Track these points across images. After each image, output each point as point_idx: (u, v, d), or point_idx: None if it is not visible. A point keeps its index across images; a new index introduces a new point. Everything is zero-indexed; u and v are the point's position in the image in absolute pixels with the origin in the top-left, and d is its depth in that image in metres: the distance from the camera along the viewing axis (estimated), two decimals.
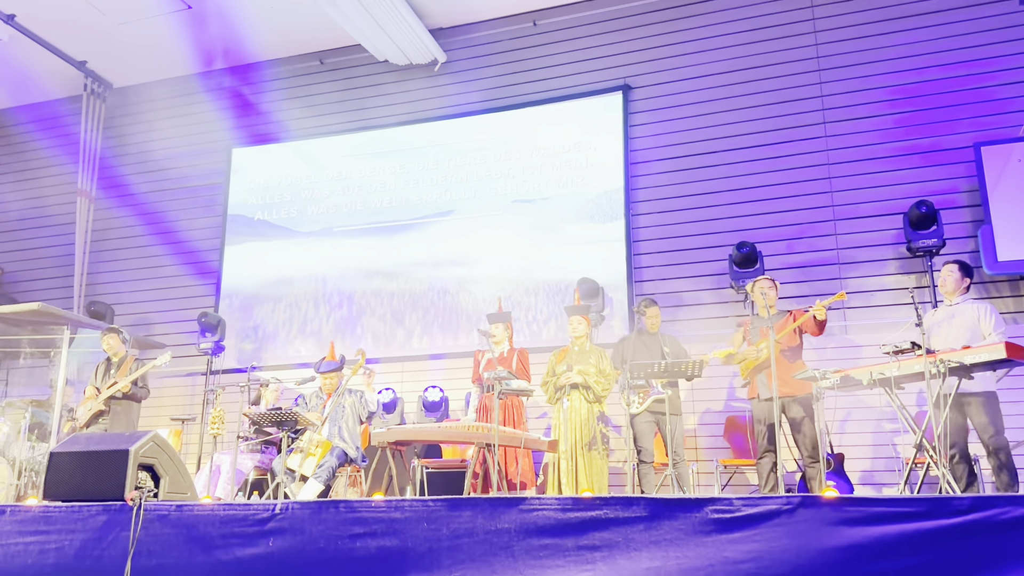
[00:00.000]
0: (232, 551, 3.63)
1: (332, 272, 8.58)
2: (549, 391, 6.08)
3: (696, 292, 7.31)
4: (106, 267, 9.42)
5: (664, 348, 5.97)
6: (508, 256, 8.03)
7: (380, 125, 8.85)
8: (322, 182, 8.92)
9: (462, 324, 7.98)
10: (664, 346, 6.00)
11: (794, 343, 5.65)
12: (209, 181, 9.34)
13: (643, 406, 5.82)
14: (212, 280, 8.98)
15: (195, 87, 9.62)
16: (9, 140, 10.37)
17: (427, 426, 6.23)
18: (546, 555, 3.29)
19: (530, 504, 3.41)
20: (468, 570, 3.35)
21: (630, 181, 7.80)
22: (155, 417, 8.08)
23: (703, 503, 3.31)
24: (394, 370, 8.01)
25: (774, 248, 7.14)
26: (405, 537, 3.46)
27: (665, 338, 6.13)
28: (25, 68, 9.48)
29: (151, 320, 9.03)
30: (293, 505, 3.66)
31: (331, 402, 6.16)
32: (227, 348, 8.36)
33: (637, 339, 6.16)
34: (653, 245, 7.62)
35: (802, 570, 3.10)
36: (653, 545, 3.25)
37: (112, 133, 9.88)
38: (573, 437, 5.79)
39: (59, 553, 3.81)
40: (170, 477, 4.10)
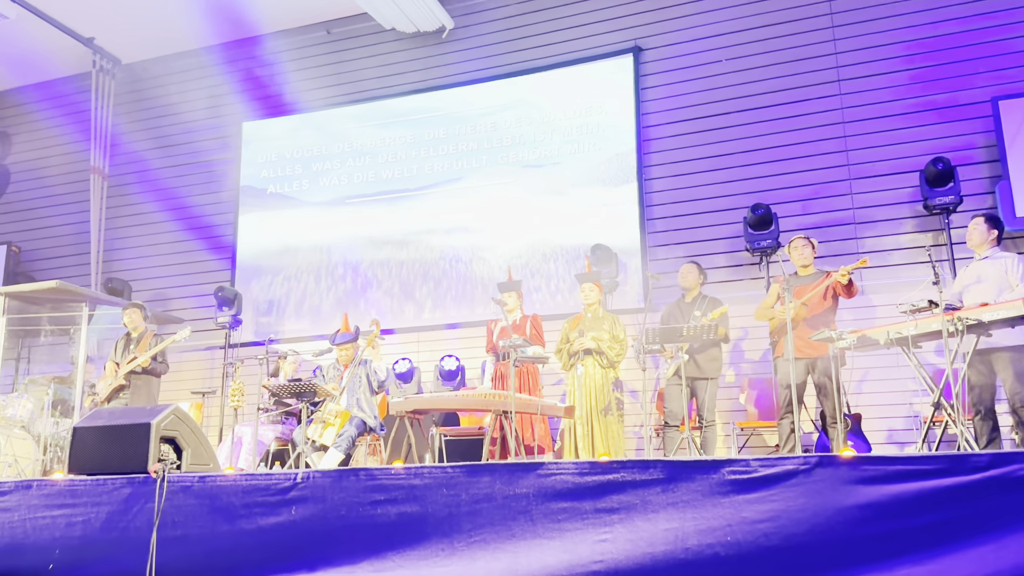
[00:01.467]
0: (255, 520, 3.69)
1: (346, 243, 8.60)
2: (563, 358, 6.10)
3: (711, 256, 7.27)
4: (122, 243, 9.48)
5: (695, 312, 5.94)
6: (520, 223, 8.01)
7: (389, 95, 8.80)
8: (332, 153, 8.91)
9: (477, 293, 7.99)
10: (696, 311, 5.96)
11: (826, 306, 5.60)
12: (221, 155, 9.35)
13: (670, 371, 5.83)
14: (227, 254, 9.02)
15: (203, 61, 9.58)
16: (21, 119, 10.40)
17: (444, 395, 6.27)
18: (564, 518, 3.32)
19: (547, 469, 3.43)
20: (488, 534, 3.39)
21: (642, 145, 7.73)
22: (176, 391, 8.17)
23: (720, 464, 3.32)
24: (410, 340, 8.04)
25: (789, 209, 7.08)
26: (425, 503, 3.50)
27: (704, 302, 6.05)
28: (33, 46, 9.47)
29: (168, 295, 9.10)
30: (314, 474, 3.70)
31: (348, 373, 6.21)
32: (244, 321, 8.42)
33: (675, 306, 6.16)
34: (666, 209, 7.57)
35: (820, 529, 3.12)
36: (671, 507, 3.27)
37: (123, 110, 9.88)
38: (588, 403, 5.82)
39: (86, 525, 3.88)
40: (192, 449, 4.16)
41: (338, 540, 3.59)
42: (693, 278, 6.16)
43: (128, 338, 7.03)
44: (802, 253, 5.70)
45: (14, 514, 4.00)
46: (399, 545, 3.50)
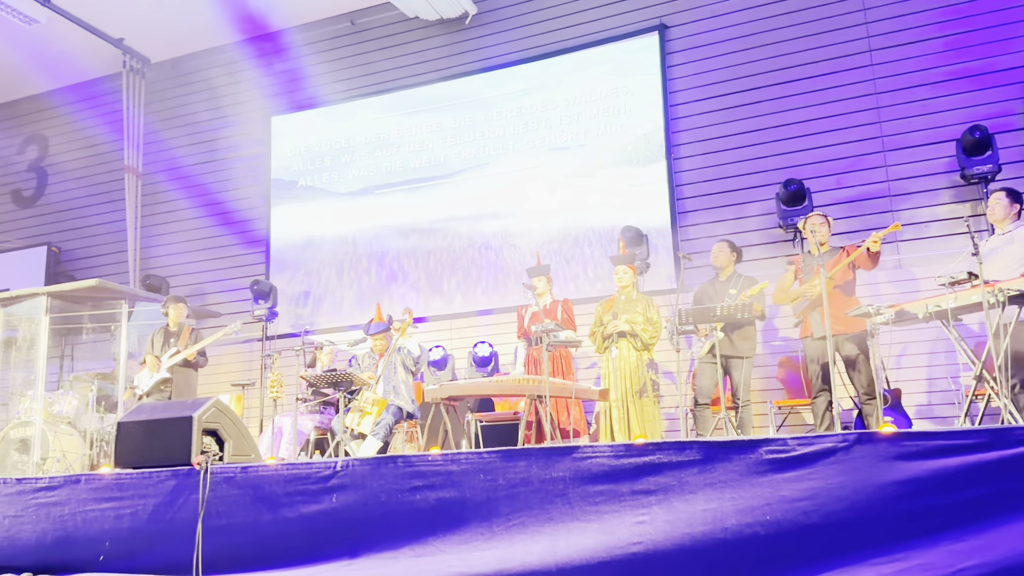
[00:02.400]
0: (297, 508, 3.75)
1: (377, 233, 8.65)
2: (597, 341, 6.09)
3: (743, 234, 7.20)
4: (158, 240, 9.63)
5: (730, 291, 5.89)
6: (549, 207, 8.00)
7: (414, 83, 8.81)
8: (360, 144, 8.95)
9: (508, 279, 8.00)
10: (731, 289, 5.91)
11: (847, 279, 5.54)
12: (251, 150, 9.44)
13: (704, 349, 5.79)
14: (261, 248, 9.13)
15: (230, 57, 9.67)
16: (56, 122, 10.60)
17: (478, 381, 6.30)
18: (601, 500, 3.33)
19: (583, 452, 3.44)
20: (526, 517, 3.41)
21: (670, 123, 7.66)
22: (216, 384, 8.32)
23: (757, 444, 3.30)
24: (443, 328, 8.09)
25: (822, 184, 6.97)
26: (463, 488, 3.53)
27: (739, 281, 5.98)
28: (64, 49, 9.62)
29: (205, 290, 9.24)
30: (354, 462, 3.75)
31: (383, 362, 6.27)
32: (280, 314, 8.53)
33: (709, 285, 6.12)
34: (697, 188, 7.50)
35: (860, 505, 3.09)
36: (708, 487, 3.26)
37: (154, 108, 10.01)
38: (623, 385, 5.81)
39: (134, 517, 3.98)
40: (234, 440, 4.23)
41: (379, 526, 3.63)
42: (725, 256, 6.09)
43: (167, 331, 7.15)
44: (819, 231, 5.61)
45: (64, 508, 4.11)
46: (439, 530, 3.54)
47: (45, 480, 4.22)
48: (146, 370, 6.97)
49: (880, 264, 5.62)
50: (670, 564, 3.20)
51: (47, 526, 4.13)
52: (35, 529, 4.14)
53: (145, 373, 6.96)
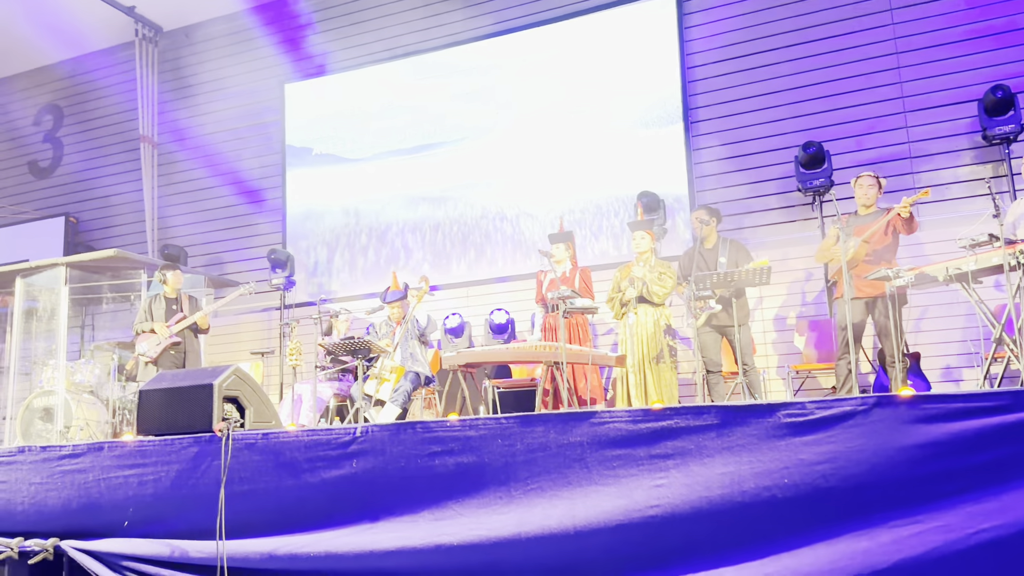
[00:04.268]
0: (318, 473, 3.79)
1: (393, 199, 8.64)
2: (615, 307, 6.07)
3: (762, 198, 7.13)
4: (175, 210, 9.66)
5: (720, 259, 5.85)
6: (565, 173, 7.95)
7: (428, 48, 8.73)
8: (375, 111, 8.90)
9: (523, 245, 7.98)
10: (721, 257, 5.87)
11: (886, 242, 5.47)
12: (265, 118, 9.42)
13: (699, 321, 5.77)
14: (277, 216, 9.15)
15: (242, 24, 9.60)
16: (70, 92, 10.60)
17: (495, 348, 6.32)
18: (619, 465, 3.35)
19: (600, 417, 3.45)
20: (544, 482, 3.44)
21: (687, 86, 7.56)
22: (236, 352, 8.39)
23: (775, 408, 3.30)
24: (459, 295, 8.10)
25: (842, 146, 6.88)
26: (481, 453, 3.56)
27: (727, 246, 5.96)
28: (76, 18, 9.59)
29: (223, 259, 9.29)
30: (373, 428, 3.78)
31: (400, 329, 6.29)
32: (297, 282, 8.57)
33: (694, 252, 6.06)
34: (714, 152, 7.42)
35: (879, 468, 3.09)
36: (726, 451, 3.27)
37: (167, 77, 9.99)
38: (640, 351, 5.80)
39: (157, 483, 4.04)
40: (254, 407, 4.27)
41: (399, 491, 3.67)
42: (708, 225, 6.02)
43: (167, 299, 7.08)
44: (867, 192, 5.55)
45: (88, 475, 4.18)
46: (458, 494, 3.58)
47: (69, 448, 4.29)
48: (153, 337, 6.95)
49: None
50: (688, 526, 3.22)
51: (72, 493, 4.20)
52: (60, 495, 4.22)
53: (152, 340, 6.94)
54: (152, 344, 6.87)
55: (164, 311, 6.98)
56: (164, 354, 6.85)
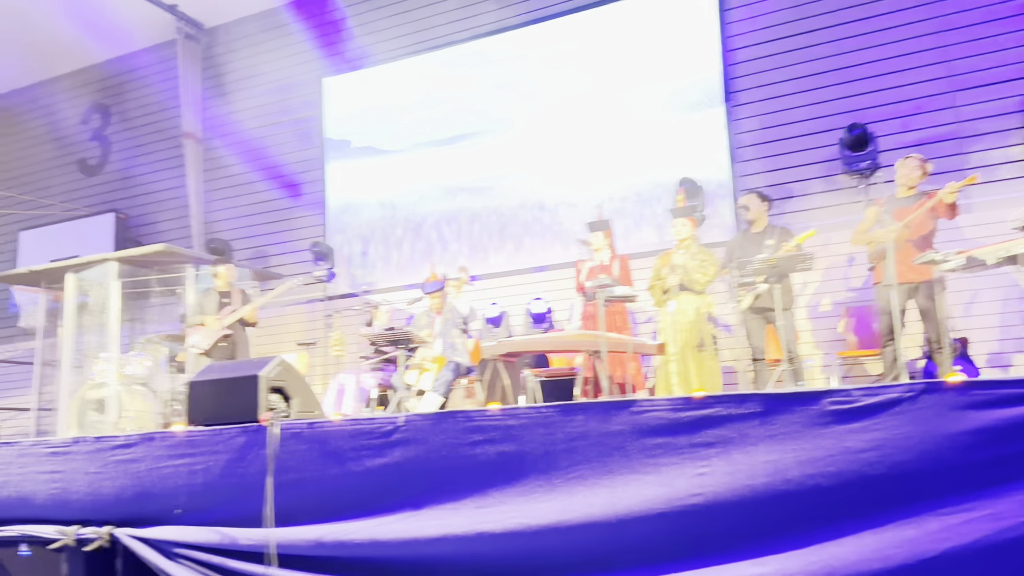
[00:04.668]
0: (363, 462, 3.84)
1: (431, 191, 8.68)
2: (656, 294, 6.04)
3: (805, 181, 7.01)
4: (219, 204, 9.83)
5: (767, 243, 5.76)
6: (604, 160, 7.90)
7: (464, 38, 8.73)
8: (412, 103, 8.94)
9: (562, 234, 7.96)
10: (769, 240, 5.78)
11: (926, 229, 5.35)
12: (305, 113, 9.52)
13: (744, 303, 5.70)
14: (318, 209, 9.26)
15: (281, 20, 9.71)
16: (116, 90, 10.83)
17: (535, 337, 6.33)
18: (660, 453, 3.33)
19: (641, 406, 3.44)
20: (585, 470, 3.44)
21: (728, 70, 7.46)
22: (281, 343, 8.53)
23: (820, 395, 3.26)
24: (498, 285, 8.12)
25: (888, 127, 6.73)
26: (522, 442, 3.57)
27: (775, 232, 5.86)
28: (120, 17, 9.77)
29: (266, 252, 9.43)
30: (415, 417, 3.82)
31: (440, 320, 6.34)
32: (339, 274, 8.67)
33: (742, 238, 5.99)
34: (756, 136, 7.31)
35: (927, 456, 3.03)
36: (770, 439, 3.24)
37: (209, 74, 10.14)
38: (682, 339, 5.76)
39: (206, 473, 4.13)
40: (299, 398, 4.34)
41: (441, 479, 3.71)
42: (756, 208, 5.95)
43: (219, 293, 7.24)
44: (910, 175, 5.42)
45: (141, 464, 4.29)
46: (499, 483, 3.60)
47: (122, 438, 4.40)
48: (204, 330, 7.11)
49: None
50: (731, 514, 3.20)
51: (125, 482, 4.32)
52: (114, 484, 4.34)
53: (204, 332, 7.10)
54: (203, 336, 7.03)
55: (216, 304, 7.15)
56: (215, 346, 7.01)
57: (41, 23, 9.75)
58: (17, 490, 4.58)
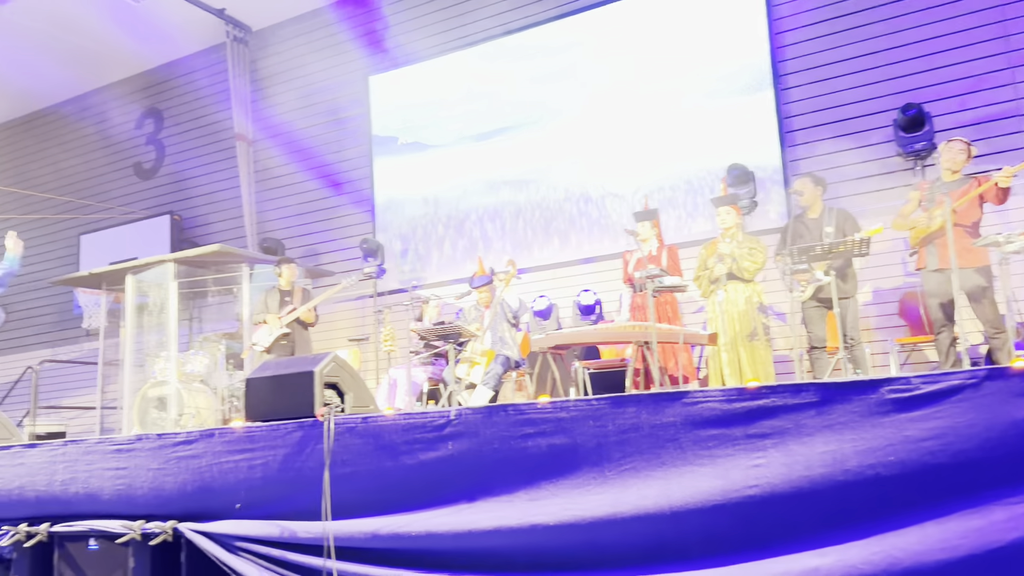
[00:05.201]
0: (416, 455, 3.88)
1: (477, 185, 8.71)
2: (703, 284, 5.97)
3: (859, 164, 6.85)
4: (271, 204, 10.00)
5: (826, 229, 5.64)
6: (650, 149, 7.83)
7: (507, 31, 8.72)
8: (457, 98, 8.96)
9: (609, 226, 7.92)
10: (827, 227, 5.66)
11: (975, 216, 5.19)
12: (352, 111, 9.62)
13: (806, 294, 5.60)
14: (367, 207, 9.35)
15: (327, 20, 9.82)
16: (168, 95, 11.08)
17: (584, 329, 6.31)
18: (714, 445, 3.30)
19: (693, 397, 3.41)
20: (637, 462, 3.42)
21: (776, 52, 7.32)
22: (334, 339, 8.65)
23: (878, 384, 3.19)
24: (546, 277, 8.11)
25: (944, 107, 6.53)
26: (573, 435, 3.57)
27: (833, 216, 5.73)
28: (170, 23, 10.00)
29: (318, 250, 9.57)
30: (466, 411, 3.84)
31: (489, 313, 6.36)
32: (388, 270, 8.75)
33: (796, 223, 5.88)
34: (807, 119, 7.16)
35: (991, 444, 2.95)
36: (827, 429, 3.18)
37: (258, 75, 10.31)
38: (732, 329, 5.69)
39: (265, 467, 4.21)
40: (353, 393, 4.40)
41: (494, 472, 3.72)
42: (811, 192, 5.80)
43: (281, 292, 7.44)
44: (955, 158, 5.27)
45: (202, 460, 4.39)
46: (552, 475, 3.60)
47: (183, 435, 4.51)
48: (265, 328, 7.30)
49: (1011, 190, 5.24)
50: (788, 506, 3.16)
51: (187, 477, 4.43)
52: (177, 480, 4.45)
53: (265, 330, 7.28)
54: (264, 334, 7.22)
55: (278, 303, 7.35)
56: (275, 344, 7.18)
57: (95, 32, 10.03)
58: (85, 486, 4.73)
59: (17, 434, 5.24)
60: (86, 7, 9.41)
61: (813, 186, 5.81)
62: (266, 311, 7.36)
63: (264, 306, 7.41)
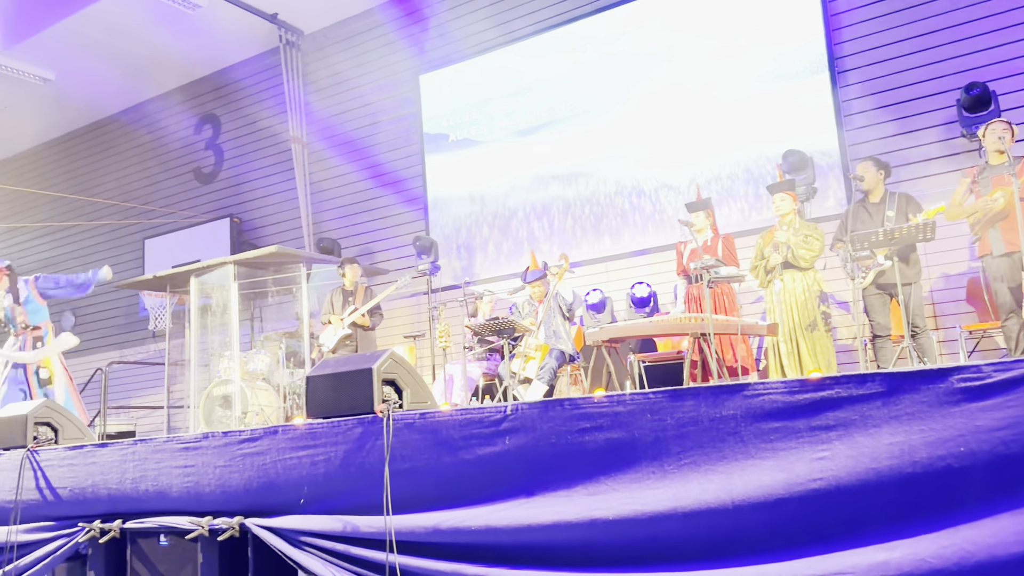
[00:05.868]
0: (474, 450, 3.89)
1: (528, 180, 8.70)
2: (760, 274, 5.87)
3: (921, 147, 6.64)
4: (327, 205, 10.16)
5: (888, 213, 5.50)
6: (704, 138, 7.72)
7: (556, 24, 8.69)
8: (506, 93, 8.97)
9: (663, 217, 7.83)
10: (888, 211, 5.52)
11: None
12: (403, 111, 9.70)
13: (867, 280, 5.46)
14: (420, 205, 9.43)
15: (375, 21, 9.92)
16: (225, 100, 11.33)
17: (639, 322, 6.26)
18: (777, 438, 3.24)
19: (754, 389, 3.35)
20: (697, 456, 3.38)
21: (831, 34, 7.14)
22: (390, 336, 8.76)
23: (947, 373, 3.08)
24: (599, 271, 8.07)
25: (1010, 84, 6.29)
26: (631, 429, 3.54)
27: (895, 200, 5.59)
28: (225, 30, 10.22)
29: (372, 249, 9.69)
30: (522, 406, 3.84)
31: (542, 308, 6.35)
32: (442, 267, 8.82)
33: (857, 209, 5.74)
34: (866, 101, 6.97)
35: None
36: (894, 420, 3.10)
37: (311, 78, 10.47)
38: (791, 319, 5.58)
39: (327, 463, 4.28)
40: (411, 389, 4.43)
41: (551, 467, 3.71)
42: (872, 176, 5.64)
43: (344, 291, 7.58)
44: (1000, 138, 5.08)
45: (266, 457, 4.48)
46: (610, 470, 3.57)
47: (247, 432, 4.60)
48: (330, 328, 7.45)
49: None
50: (855, 499, 3.08)
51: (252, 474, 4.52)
52: (242, 477, 4.55)
53: (329, 331, 7.44)
54: (329, 335, 7.37)
55: (341, 303, 7.50)
56: (340, 345, 7.32)
57: (152, 41, 10.32)
58: (154, 484, 4.87)
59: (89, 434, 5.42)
60: (143, 17, 9.67)
61: (875, 170, 5.66)
62: (331, 311, 7.52)
63: (330, 306, 7.57)
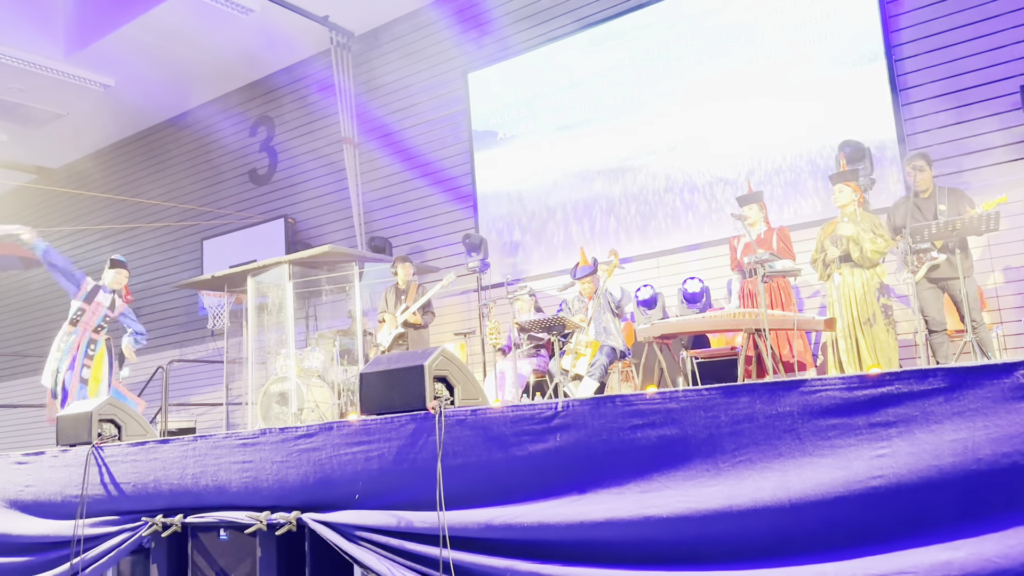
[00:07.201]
0: (525, 447, 3.90)
1: (575, 176, 8.68)
2: (819, 268, 5.75)
3: (982, 136, 6.44)
4: (378, 204, 10.27)
5: (940, 207, 5.36)
6: (757, 130, 7.59)
7: (602, 19, 8.64)
8: (555, 89, 8.95)
9: (716, 208, 7.73)
10: (940, 205, 5.38)
11: None
12: (452, 109, 9.75)
13: (919, 274, 5.32)
14: (469, 203, 9.47)
15: (424, 20, 9.99)
16: (279, 102, 11.53)
17: (691, 317, 6.20)
18: (835, 435, 3.17)
19: (811, 386, 3.29)
20: (752, 453, 3.33)
21: (888, 21, 6.96)
22: (441, 334, 8.82)
23: (1012, 367, 2.99)
24: (650, 266, 8.01)
25: None
26: (684, 426, 3.50)
27: (944, 195, 5.45)
28: (277, 33, 10.40)
29: (423, 247, 9.77)
30: (573, 403, 3.83)
31: (592, 304, 6.33)
32: (491, 264, 8.85)
33: (909, 202, 5.59)
34: (924, 90, 6.78)
35: None
36: (956, 416, 3.01)
37: (362, 79, 10.60)
38: (850, 313, 5.46)
39: (381, 459, 4.33)
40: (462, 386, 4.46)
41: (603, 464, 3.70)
42: (928, 173, 5.52)
43: (397, 289, 7.67)
44: None
45: (322, 452, 4.56)
46: (662, 467, 3.55)
47: (303, 428, 4.68)
48: (385, 327, 7.55)
49: None
50: (915, 497, 3.01)
51: (308, 469, 4.60)
52: (299, 472, 4.63)
53: (384, 329, 7.54)
54: (384, 334, 7.48)
55: (395, 301, 7.60)
56: (394, 344, 7.42)
57: (208, 46, 10.56)
58: (214, 479, 4.99)
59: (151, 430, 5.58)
60: (198, 22, 9.89)
61: (923, 163, 5.56)
62: (386, 310, 7.62)
63: (385, 304, 7.68)
